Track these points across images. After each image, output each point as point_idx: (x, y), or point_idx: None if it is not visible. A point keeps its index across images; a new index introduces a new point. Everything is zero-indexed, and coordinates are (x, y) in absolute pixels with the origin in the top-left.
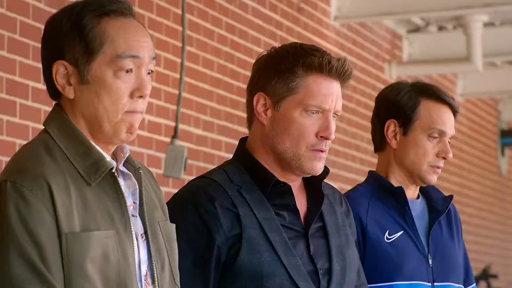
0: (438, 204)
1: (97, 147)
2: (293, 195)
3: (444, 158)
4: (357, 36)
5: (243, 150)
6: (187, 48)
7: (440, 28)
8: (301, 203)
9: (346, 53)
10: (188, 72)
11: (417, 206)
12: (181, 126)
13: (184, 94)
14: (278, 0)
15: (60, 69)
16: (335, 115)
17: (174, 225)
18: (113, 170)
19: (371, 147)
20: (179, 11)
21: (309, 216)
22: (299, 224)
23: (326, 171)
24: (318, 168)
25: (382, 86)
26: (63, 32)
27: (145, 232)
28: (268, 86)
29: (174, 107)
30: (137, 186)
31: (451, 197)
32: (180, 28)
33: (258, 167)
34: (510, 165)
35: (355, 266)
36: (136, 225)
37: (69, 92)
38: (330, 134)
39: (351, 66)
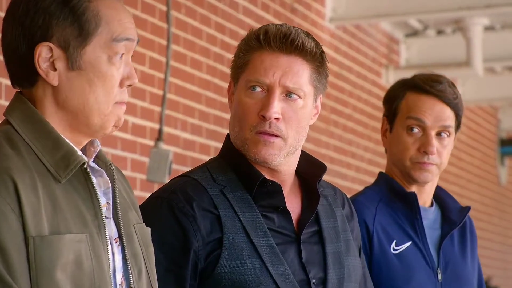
0: (453, 215)
1: (67, 141)
2: (283, 195)
3: (426, 153)
4: (353, 39)
5: (228, 146)
6: (174, 47)
7: (439, 32)
8: (294, 205)
9: (341, 57)
10: (175, 72)
11: (429, 215)
12: (167, 130)
13: (171, 96)
14: None
15: (44, 52)
16: (293, 96)
17: (150, 229)
18: (85, 166)
19: (367, 155)
20: (165, 8)
21: (302, 220)
22: (291, 228)
23: (322, 168)
24: (264, 154)
25: (379, 92)
26: (49, 11)
27: (120, 236)
28: (231, 72)
29: (159, 109)
30: (110, 184)
31: (468, 208)
32: (166, 26)
33: (244, 164)
34: (510, 175)
35: (356, 276)
36: (110, 228)
37: (54, 79)
38: (267, 112)
39: (302, 36)
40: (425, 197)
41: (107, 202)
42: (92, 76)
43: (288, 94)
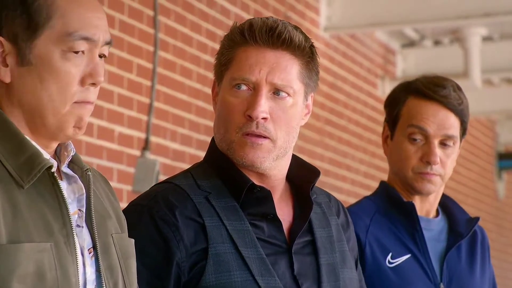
0: (460, 226)
1: (33, 143)
2: (273, 202)
3: (428, 163)
4: (348, 48)
5: (213, 150)
6: (163, 55)
7: (436, 43)
8: (285, 213)
9: (336, 67)
10: (164, 81)
11: (434, 226)
12: (155, 140)
13: (159, 105)
14: (264, 6)
15: None
16: (282, 94)
17: (133, 240)
18: (53, 170)
19: (363, 167)
20: (153, 13)
21: (294, 229)
22: (282, 238)
23: (315, 173)
24: (251, 157)
25: (374, 103)
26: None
27: (94, 247)
28: (215, 71)
29: (147, 118)
30: (84, 191)
31: (476, 219)
32: (154, 32)
33: (230, 169)
34: (508, 189)
35: None
36: (82, 238)
37: (5, 75)
38: (253, 111)
39: (289, 29)
40: (428, 207)
41: (79, 210)
42: (43, 72)
43: (276, 92)
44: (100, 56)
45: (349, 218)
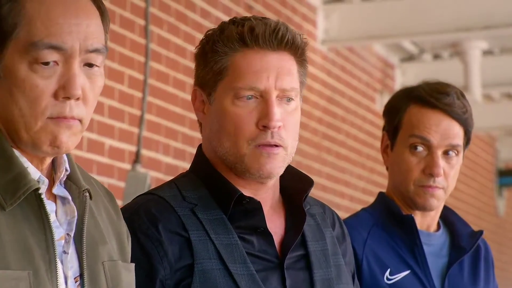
0: (463, 241)
1: (22, 160)
2: (263, 214)
3: (431, 175)
4: (346, 62)
5: (200, 159)
6: (156, 66)
7: (436, 57)
8: (277, 225)
9: (334, 80)
10: (156, 93)
11: (435, 241)
12: (148, 153)
13: (152, 118)
14: None
15: None
16: (289, 99)
17: (133, 265)
18: (40, 191)
19: (361, 183)
20: (144, 23)
21: (286, 242)
22: (273, 252)
23: (308, 182)
24: (269, 168)
25: (373, 118)
26: None
27: (81, 275)
28: (199, 76)
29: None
30: (76, 214)
31: (480, 232)
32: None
33: (218, 179)
34: (508, 206)
35: None
36: (67, 265)
37: None
38: (270, 121)
39: (289, 29)
40: (429, 221)
41: (67, 234)
42: (11, 85)
43: (283, 96)
44: (90, 65)
45: (345, 230)
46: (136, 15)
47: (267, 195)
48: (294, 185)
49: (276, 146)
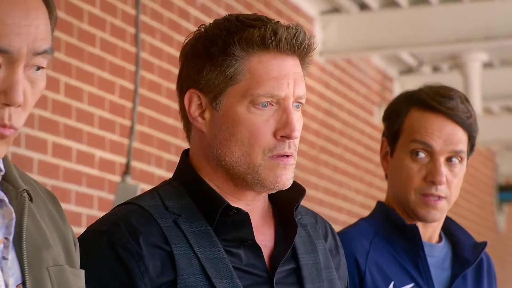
0: (466, 252)
1: None
2: (251, 226)
3: (433, 183)
4: (344, 74)
5: (185, 166)
6: (148, 76)
7: (435, 69)
8: (266, 237)
9: (331, 92)
10: (148, 103)
11: (437, 252)
12: (140, 166)
13: (144, 129)
14: None
15: None
16: (299, 104)
17: (82, 271)
18: None
19: (359, 197)
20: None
21: (276, 255)
22: (262, 266)
23: (300, 192)
24: (284, 179)
25: (371, 131)
26: None
27: (23, 282)
28: (200, 78)
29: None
30: (14, 216)
31: (484, 244)
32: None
33: (203, 188)
34: (509, 222)
35: None
36: (7, 272)
37: None
38: (292, 131)
39: (307, 34)
40: (431, 232)
41: (5, 238)
42: None
43: (294, 103)
44: (39, 68)
45: (338, 241)
46: (127, 23)
47: (259, 204)
48: (285, 193)
49: (289, 156)
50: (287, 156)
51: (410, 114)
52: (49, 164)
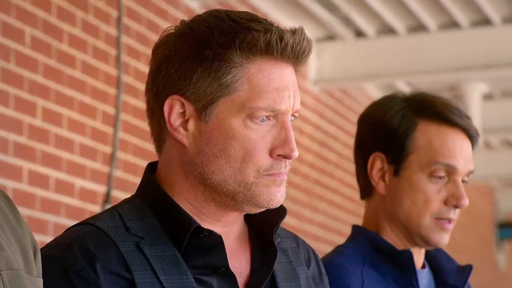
0: (450, 277)
1: None
2: (224, 251)
3: (456, 207)
4: (339, 104)
5: (150, 182)
6: (133, 102)
7: None
8: (242, 263)
9: (326, 123)
10: (133, 130)
11: (424, 279)
12: (123, 195)
13: (128, 157)
14: None
15: None
16: (293, 117)
17: (41, 280)
18: None
19: None
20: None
21: (253, 284)
22: None
23: (281, 211)
24: (279, 196)
25: None
26: None
27: None
28: (188, 85)
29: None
30: None
31: (469, 267)
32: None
33: (171, 207)
34: (509, 260)
35: None
36: None
37: None
38: (292, 151)
39: (308, 38)
40: (417, 258)
41: None
42: None
43: (291, 117)
44: None
45: (322, 268)
46: (110, 45)
47: (235, 225)
48: (264, 212)
49: (284, 174)
50: (282, 174)
51: (421, 129)
52: (25, 193)
